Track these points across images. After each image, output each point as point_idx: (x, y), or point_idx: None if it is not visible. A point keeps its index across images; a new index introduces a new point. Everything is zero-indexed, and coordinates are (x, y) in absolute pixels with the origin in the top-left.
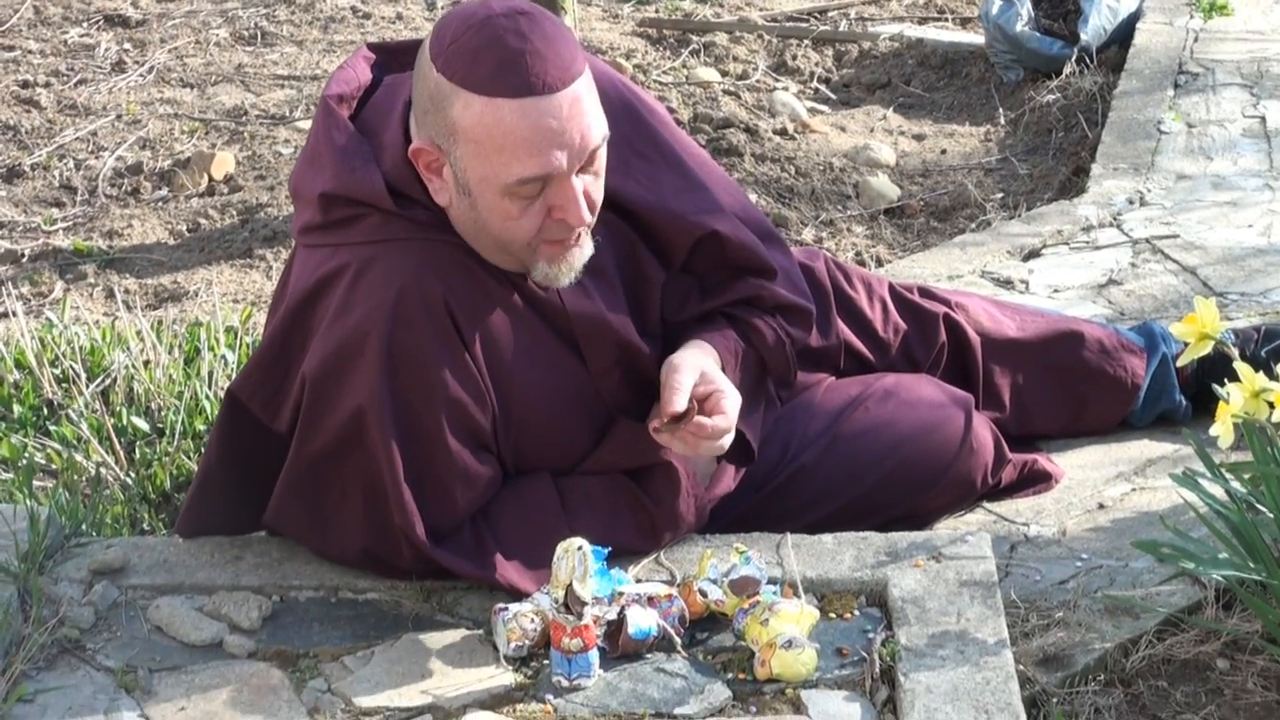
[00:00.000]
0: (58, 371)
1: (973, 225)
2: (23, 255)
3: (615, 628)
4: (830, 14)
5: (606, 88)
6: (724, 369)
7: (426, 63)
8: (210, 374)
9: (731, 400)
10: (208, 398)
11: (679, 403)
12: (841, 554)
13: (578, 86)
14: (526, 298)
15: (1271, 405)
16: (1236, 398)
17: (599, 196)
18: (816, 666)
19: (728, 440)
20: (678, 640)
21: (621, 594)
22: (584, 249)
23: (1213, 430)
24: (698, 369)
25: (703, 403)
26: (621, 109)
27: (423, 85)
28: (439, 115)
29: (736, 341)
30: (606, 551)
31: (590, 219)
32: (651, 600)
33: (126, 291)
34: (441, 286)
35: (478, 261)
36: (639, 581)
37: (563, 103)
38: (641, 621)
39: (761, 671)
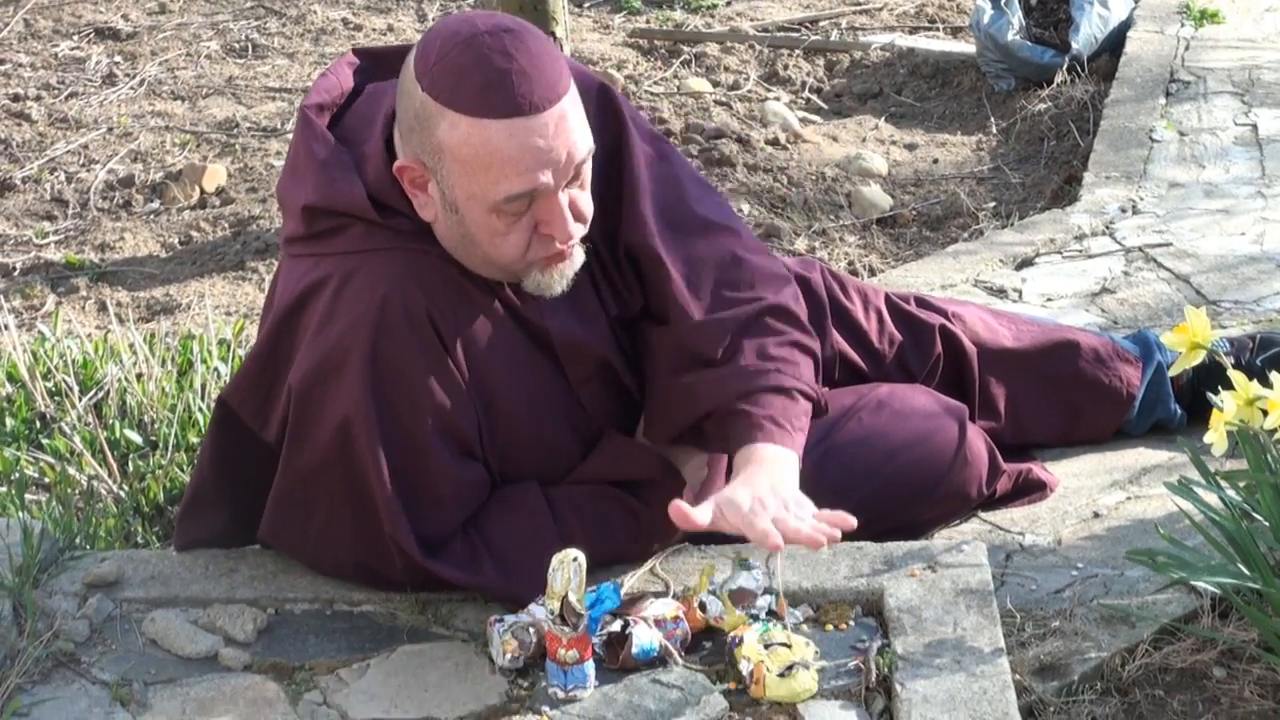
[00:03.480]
0: (50, 385)
1: (965, 234)
2: (14, 269)
3: (617, 640)
4: (821, 24)
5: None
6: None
7: (411, 80)
8: (203, 386)
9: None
10: (201, 410)
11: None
12: (837, 564)
13: (564, 104)
14: (507, 307)
15: (1265, 413)
16: (1230, 406)
17: (587, 208)
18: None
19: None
20: (679, 660)
21: (627, 611)
22: (575, 259)
23: (1207, 438)
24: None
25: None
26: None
27: (407, 102)
28: (424, 134)
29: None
30: (621, 589)
31: (580, 231)
32: (658, 621)
33: (119, 304)
34: (424, 296)
35: (460, 271)
36: (639, 594)
37: (549, 121)
38: (645, 640)
39: (755, 690)
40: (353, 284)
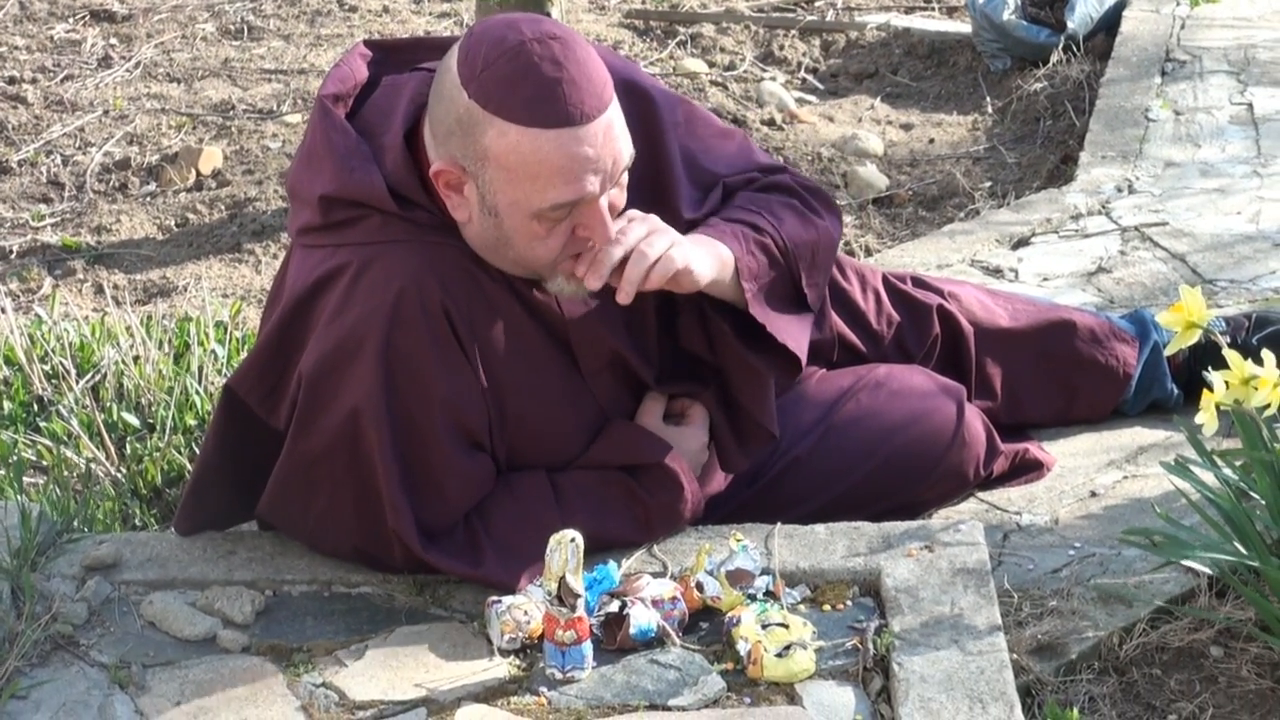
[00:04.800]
0: (47, 368)
1: (961, 214)
2: (11, 252)
3: (615, 620)
4: (817, 3)
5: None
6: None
7: (455, 85)
8: (200, 369)
9: (635, 224)
10: (198, 393)
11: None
12: (834, 544)
13: (610, 112)
14: (523, 301)
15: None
16: (1220, 385)
17: (621, 204)
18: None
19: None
20: (676, 640)
21: (625, 592)
22: None
23: (1197, 419)
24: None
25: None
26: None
27: (449, 107)
28: (467, 139)
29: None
30: (618, 579)
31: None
32: (656, 602)
33: (115, 287)
34: (440, 290)
35: (477, 264)
36: (637, 574)
37: (598, 130)
38: (643, 620)
39: (753, 670)
40: (370, 274)
